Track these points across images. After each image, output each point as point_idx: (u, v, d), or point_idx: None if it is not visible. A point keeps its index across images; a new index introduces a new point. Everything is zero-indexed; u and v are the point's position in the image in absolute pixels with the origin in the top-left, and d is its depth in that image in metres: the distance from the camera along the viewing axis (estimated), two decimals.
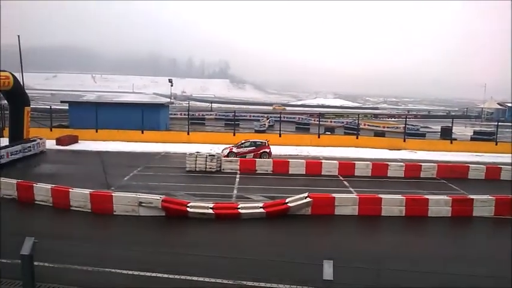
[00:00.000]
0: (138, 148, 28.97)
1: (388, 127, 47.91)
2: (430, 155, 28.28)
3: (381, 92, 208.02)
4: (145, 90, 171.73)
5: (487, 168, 22.57)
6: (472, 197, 15.70)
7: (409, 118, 57.47)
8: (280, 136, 33.98)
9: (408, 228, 14.56)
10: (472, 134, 39.45)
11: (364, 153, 29.32)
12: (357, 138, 34.34)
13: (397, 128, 45.14)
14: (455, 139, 35.15)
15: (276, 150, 29.15)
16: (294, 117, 54.13)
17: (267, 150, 26.12)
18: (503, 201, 15.54)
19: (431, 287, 9.03)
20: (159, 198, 14.35)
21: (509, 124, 44.23)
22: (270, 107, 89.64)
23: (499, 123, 37.87)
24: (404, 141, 33.57)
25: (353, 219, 14.72)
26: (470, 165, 23.22)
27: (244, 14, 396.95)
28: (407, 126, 37.87)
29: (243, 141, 26.66)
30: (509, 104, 61.97)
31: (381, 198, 15.19)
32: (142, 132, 32.67)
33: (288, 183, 19.97)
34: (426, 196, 15.71)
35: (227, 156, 24.71)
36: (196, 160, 22.37)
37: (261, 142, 26.61)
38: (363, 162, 22.89)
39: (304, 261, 7.56)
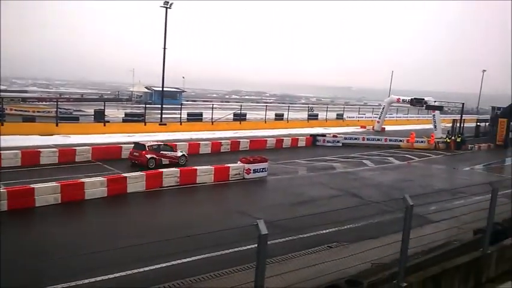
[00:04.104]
0: None
1: (38, 111, 44.69)
2: (85, 139, 28.04)
3: (30, 73, 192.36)
4: None
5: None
6: (125, 175, 16.67)
7: (62, 102, 55.44)
8: None
9: (64, 214, 14.15)
10: (123, 116, 41.70)
11: (9, 141, 26.04)
12: (2, 125, 30.27)
13: (49, 112, 42.70)
14: (109, 121, 36.20)
15: None
16: None
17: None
18: (152, 175, 17.25)
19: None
20: None
21: (156, 106, 48.96)
22: None
23: (147, 106, 41.71)
24: (57, 125, 32.04)
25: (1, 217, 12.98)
26: (123, 145, 24.48)
27: None
28: (59, 110, 36.31)
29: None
30: (155, 88, 68.19)
31: (34, 188, 14.06)
32: None
33: None
34: (82, 180, 15.58)
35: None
36: None
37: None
38: (10, 152, 20.50)
39: None
